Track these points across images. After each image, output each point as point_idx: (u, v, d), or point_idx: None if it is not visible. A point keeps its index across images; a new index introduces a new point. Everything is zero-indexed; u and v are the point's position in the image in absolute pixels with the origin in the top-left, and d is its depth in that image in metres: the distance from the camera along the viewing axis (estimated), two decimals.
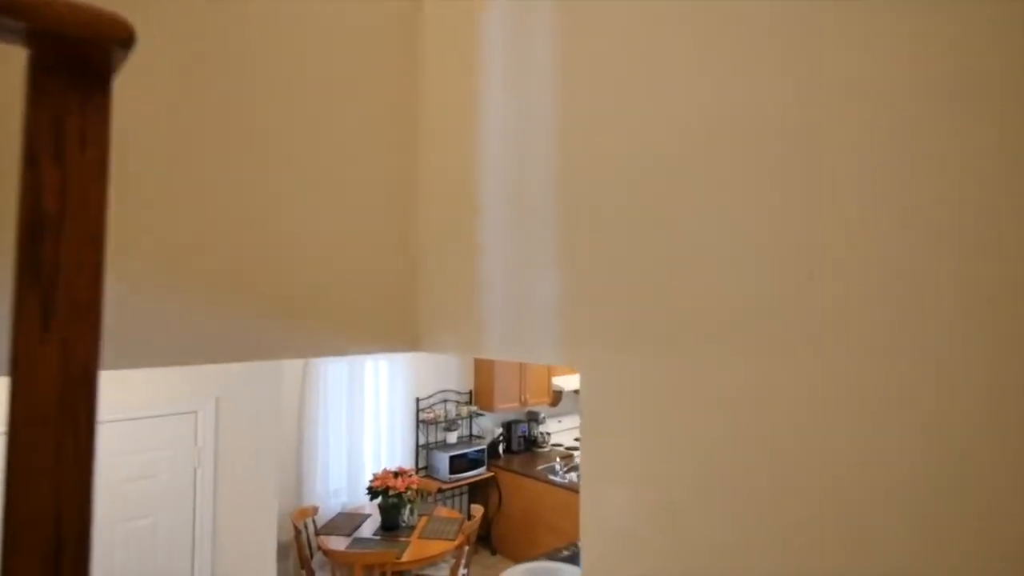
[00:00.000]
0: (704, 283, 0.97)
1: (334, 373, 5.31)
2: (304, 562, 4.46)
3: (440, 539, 4.49)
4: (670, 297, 1.03)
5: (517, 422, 6.58)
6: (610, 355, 1.17)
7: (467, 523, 4.59)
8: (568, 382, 6.82)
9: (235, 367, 2.99)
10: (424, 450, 5.97)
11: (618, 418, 1.16)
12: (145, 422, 2.69)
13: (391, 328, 1.59)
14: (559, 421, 7.23)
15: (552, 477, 5.59)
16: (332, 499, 5.30)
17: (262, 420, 3.07)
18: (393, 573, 4.51)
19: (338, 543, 4.40)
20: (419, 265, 1.63)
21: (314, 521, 4.87)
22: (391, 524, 4.65)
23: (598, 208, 1.17)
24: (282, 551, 4.93)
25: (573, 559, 3.62)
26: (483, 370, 6.33)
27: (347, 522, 4.81)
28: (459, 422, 6.22)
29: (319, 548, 4.60)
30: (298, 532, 4.49)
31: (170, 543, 2.76)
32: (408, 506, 4.73)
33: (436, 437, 6.10)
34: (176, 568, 2.78)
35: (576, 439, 7.13)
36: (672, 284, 1.03)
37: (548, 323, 1.28)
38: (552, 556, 3.64)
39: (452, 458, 5.68)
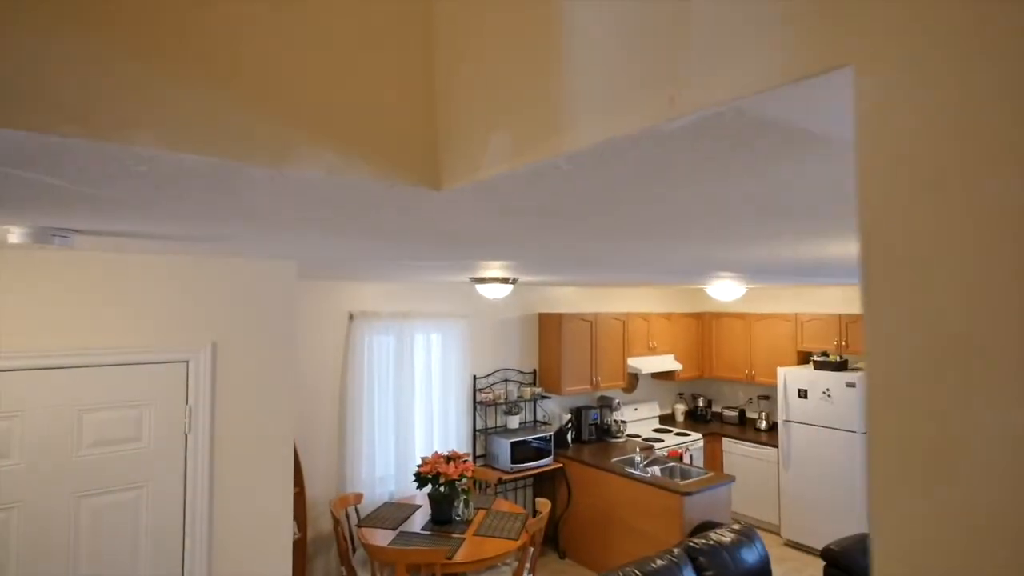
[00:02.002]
0: None
1: (379, 345, 4.70)
2: (343, 557, 3.84)
3: (500, 537, 3.76)
4: None
5: (587, 408, 5.77)
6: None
7: (532, 520, 3.84)
8: (645, 364, 5.94)
9: (238, 305, 2.37)
10: (482, 435, 5.26)
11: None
12: (120, 371, 2.10)
13: (376, 130, 0.85)
14: (635, 409, 6.35)
15: (630, 470, 4.75)
16: (379, 488, 4.69)
17: (274, 375, 2.44)
18: (445, 574, 3.82)
19: (381, 537, 3.76)
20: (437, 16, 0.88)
21: (356, 510, 4.26)
22: (442, 518, 3.96)
23: None
24: (323, 544, 4.35)
25: (669, 572, 2.79)
26: (549, 348, 5.56)
27: (393, 513, 4.17)
28: (521, 405, 5.47)
29: (360, 542, 3.98)
30: (337, 522, 3.89)
31: (153, 525, 2.16)
32: (462, 497, 4.03)
33: (496, 421, 5.38)
34: (161, 557, 2.18)
35: (655, 430, 6.24)
36: None
37: None
38: (642, 566, 2.82)
39: (514, 445, 4.95)
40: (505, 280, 3.82)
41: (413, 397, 4.84)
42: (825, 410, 5.22)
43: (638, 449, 4.98)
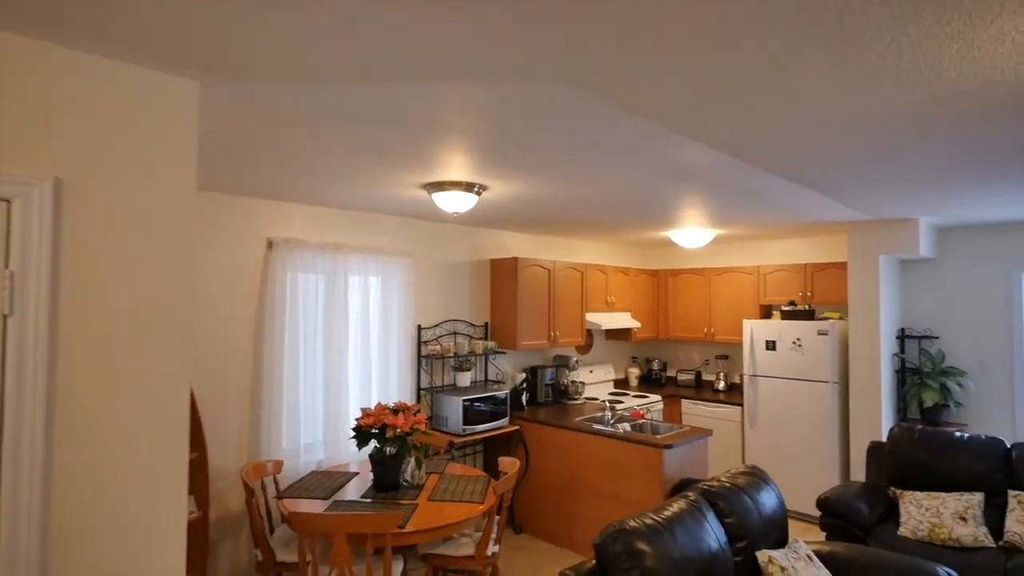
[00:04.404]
0: None
1: (305, 284, 3.85)
2: (258, 537, 3.00)
3: (461, 501, 3.07)
4: None
5: (543, 367, 5.18)
6: None
7: (497, 482, 3.18)
8: (604, 320, 5.44)
9: (104, 131, 1.54)
10: (428, 395, 4.53)
11: None
12: None
13: None
14: (590, 372, 5.84)
15: (598, 427, 4.20)
16: (304, 457, 3.84)
17: (163, 257, 1.63)
18: (394, 549, 3.08)
19: (310, 507, 2.96)
20: None
21: (276, 481, 3.42)
22: (388, 483, 3.21)
23: None
24: (231, 525, 3.47)
25: (692, 516, 2.22)
26: (503, 297, 4.91)
27: (323, 482, 3.37)
28: (473, 360, 4.79)
29: (282, 519, 3.15)
30: (251, 494, 3.04)
31: None
32: (413, 457, 3.30)
33: (443, 379, 4.66)
34: None
35: (612, 394, 5.76)
36: None
37: None
38: (659, 512, 2.24)
39: (467, 404, 4.26)
40: (469, 187, 3.13)
41: (346, 349, 4.03)
42: (796, 361, 4.93)
43: (608, 404, 4.44)
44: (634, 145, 2.37)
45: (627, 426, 4.33)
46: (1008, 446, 3.53)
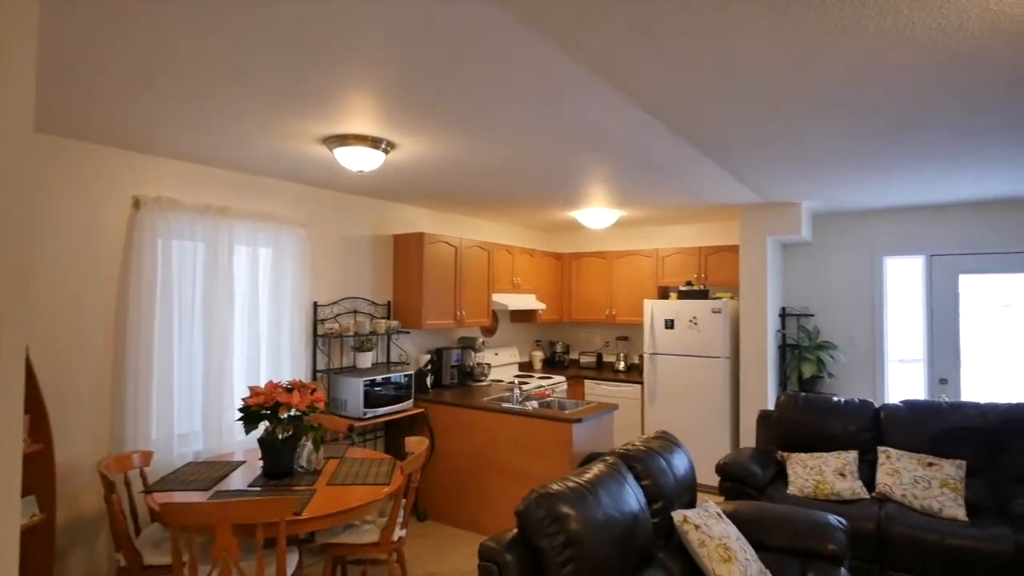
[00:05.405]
0: None
1: (182, 253, 3.38)
2: (120, 539, 2.57)
3: (364, 484, 2.82)
4: None
5: (448, 349, 5.00)
6: None
7: (403, 462, 2.96)
8: (510, 301, 5.36)
9: None
10: (325, 376, 4.18)
11: None
12: None
13: None
14: (496, 354, 5.74)
15: (507, 405, 4.10)
16: (179, 448, 3.38)
17: None
18: (289, 540, 2.77)
19: (185, 499, 2.58)
20: None
21: (143, 475, 2.96)
22: (280, 468, 2.88)
23: None
24: (85, 529, 2.96)
25: (612, 478, 2.17)
26: (407, 274, 4.66)
27: (201, 473, 2.96)
28: (374, 340, 4.50)
29: (151, 516, 2.72)
30: (112, 489, 2.59)
31: None
32: (309, 439, 2.99)
33: (342, 361, 4.33)
34: None
35: (516, 376, 5.70)
36: None
37: None
38: (580, 475, 2.16)
39: (368, 386, 3.98)
40: (376, 142, 2.88)
41: (231, 327, 3.60)
42: (692, 338, 5.14)
43: (516, 381, 4.35)
44: (548, 96, 2.26)
45: (535, 403, 4.28)
46: (876, 408, 3.88)
